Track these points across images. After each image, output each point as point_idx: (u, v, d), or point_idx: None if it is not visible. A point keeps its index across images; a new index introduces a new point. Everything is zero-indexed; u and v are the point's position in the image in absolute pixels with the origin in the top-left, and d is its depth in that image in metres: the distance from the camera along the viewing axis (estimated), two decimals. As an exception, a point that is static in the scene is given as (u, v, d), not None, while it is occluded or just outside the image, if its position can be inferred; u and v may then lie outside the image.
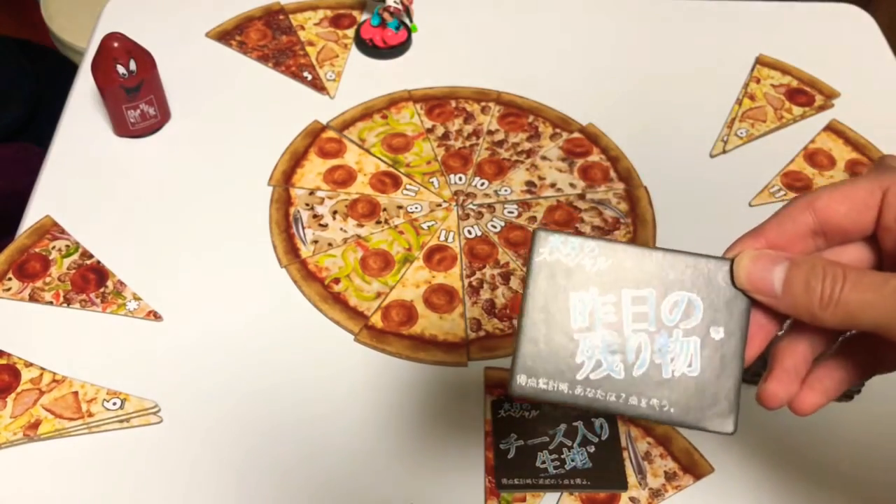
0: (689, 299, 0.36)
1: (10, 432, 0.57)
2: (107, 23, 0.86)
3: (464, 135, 0.79)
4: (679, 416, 0.36)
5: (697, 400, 0.36)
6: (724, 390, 0.36)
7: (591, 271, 0.36)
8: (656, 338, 0.36)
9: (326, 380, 0.62)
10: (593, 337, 0.36)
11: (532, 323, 0.36)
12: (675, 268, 0.36)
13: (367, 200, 0.73)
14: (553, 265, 0.36)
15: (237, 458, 0.58)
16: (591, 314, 0.36)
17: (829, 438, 0.60)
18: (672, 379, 0.36)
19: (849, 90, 0.84)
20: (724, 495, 0.57)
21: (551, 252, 0.36)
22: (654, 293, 0.36)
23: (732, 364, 0.36)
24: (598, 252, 0.36)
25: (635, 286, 0.36)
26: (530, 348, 0.36)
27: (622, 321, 0.36)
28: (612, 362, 0.36)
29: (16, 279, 0.66)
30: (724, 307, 0.36)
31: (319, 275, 0.68)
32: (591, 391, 0.36)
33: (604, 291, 0.36)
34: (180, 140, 0.77)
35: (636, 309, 0.36)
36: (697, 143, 0.79)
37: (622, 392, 0.36)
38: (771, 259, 0.35)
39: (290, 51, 0.86)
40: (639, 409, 0.36)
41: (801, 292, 0.34)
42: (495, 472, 0.57)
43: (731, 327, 0.36)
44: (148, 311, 0.65)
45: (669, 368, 0.36)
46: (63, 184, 0.73)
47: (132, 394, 0.60)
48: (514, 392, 0.36)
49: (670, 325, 0.36)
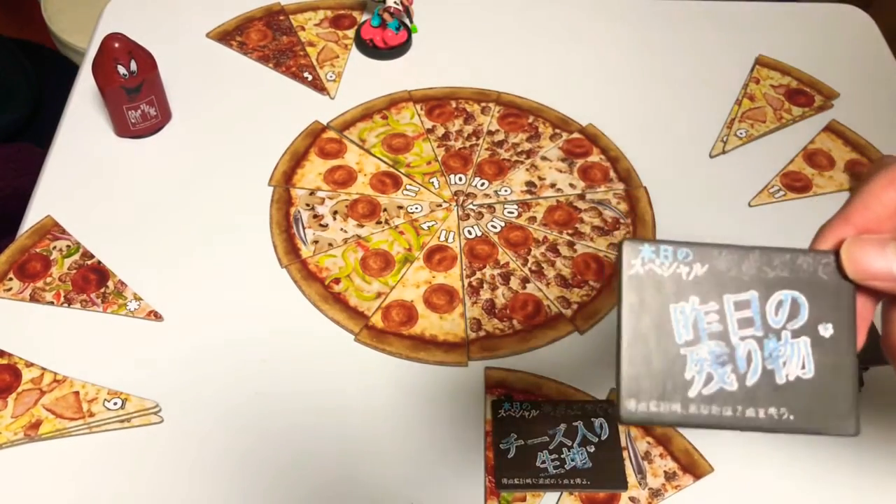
0: (794, 298, 0.34)
1: (10, 432, 0.57)
2: (107, 23, 0.86)
3: (464, 135, 0.79)
4: (800, 423, 0.34)
5: (816, 403, 0.34)
6: (841, 390, 0.34)
7: (688, 280, 0.34)
8: (765, 343, 0.34)
9: (326, 380, 0.62)
10: (700, 349, 0.34)
11: (632, 341, 0.34)
12: (774, 266, 0.34)
13: (367, 201, 0.73)
14: (646, 277, 0.34)
15: (237, 458, 0.58)
16: (695, 325, 0.34)
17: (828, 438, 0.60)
18: (787, 384, 0.34)
19: (848, 91, 0.84)
20: (723, 495, 0.57)
21: (643, 263, 0.34)
22: (756, 295, 0.34)
23: (846, 361, 0.34)
24: (692, 258, 0.34)
25: (737, 290, 0.34)
26: (634, 370, 0.34)
27: (728, 329, 0.34)
28: (724, 374, 0.34)
29: (17, 279, 0.66)
30: (828, 302, 0.34)
31: (320, 275, 0.68)
32: (706, 408, 0.34)
33: (704, 300, 0.34)
34: (181, 140, 0.77)
35: (740, 314, 0.34)
36: (697, 143, 0.79)
37: (738, 405, 0.34)
38: (878, 243, 0.33)
39: (290, 51, 0.86)
40: (757, 422, 0.34)
41: None
42: (495, 472, 0.57)
43: (840, 322, 0.34)
44: (149, 311, 0.65)
45: (783, 373, 0.34)
46: (64, 184, 0.73)
47: (133, 394, 0.60)
48: (624, 420, 0.34)
49: (777, 328, 0.34)
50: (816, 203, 0.75)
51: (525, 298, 0.67)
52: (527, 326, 0.65)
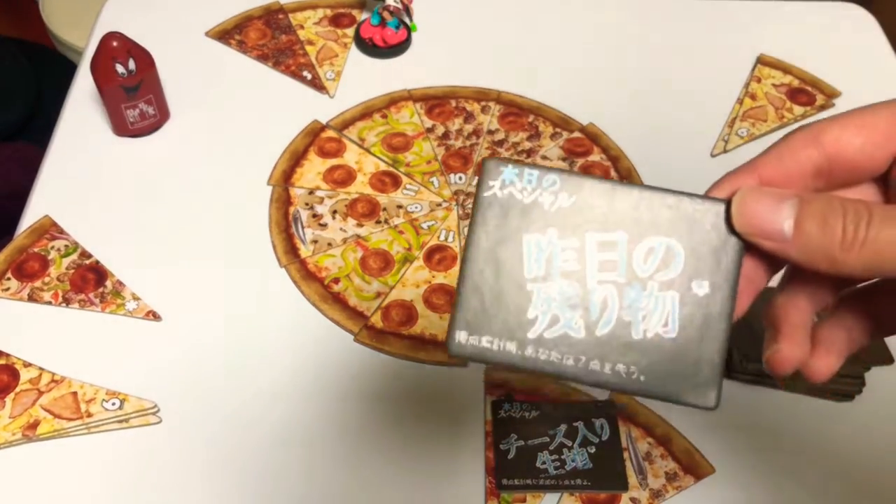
0: (669, 246, 0.30)
1: (9, 432, 0.57)
2: (106, 22, 0.86)
3: (464, 134, 0.79)
4: (650, 385, 0.30)
5: (674, 367, 0.30)
6: (706, 356, 0.30)
7: (551, 210, 0.31)
8: (626, 291, 0.30)
9: (326, 380, 0.62)
10: (549, 287, 0.30)
11: (476, 270, 0.30)
12: (653, 208, 0.30)
13: (366, 200, 0.73)
14: (504, 201, 0.31)
15: (236, 458, 0.57)
16: (548, 261, 0.30)
17: (829, 438, 0.60)
18: (644, 340, 0.30)
19: (850, 89, 0.84)
20: (724, 495, 0.57)
21: (503, 185, 0.31)
22: (625, 237, 0.30)
23: (718, 325, 0.30)
24: (559, 186, 0.31)
25: (603, 229, 0.30)
26: (473, 300, 0.30)
27: (585, 270, 0.30)
28: (571, 318, 0.30)
29: (15, 279, 0.66)
30: (710, 256, 0.30)
31: (319, 275, 0.68)
32: (545, 352, 0.30)
33: (564, 234, 0.30)
34: (179, 139, 0.77)
35: (603, 256, 0.30)
36: (698, 142, 0.79)
37: (581, 354, 0.30)
38: (777, 196, 0.29)
39: (289, 50, 0.86)
40: (601, 376, 0.30)
41: (817, 233, 0.28)
42: (495, 473, 0.57)
43: (718, 281, 0.30)
44: (147, 311, 0.65)
45: (641, 328, 0.30)
46: (62, 183, 0.73)
47: (131, 394, 0.60)
48: (452, 351, 0.30)
49: (644, 277, 0.30)
50: (818, 202, 0.74)
51: (525, 298, 0.67)
52: (527, 326, 0.65)
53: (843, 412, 0.61)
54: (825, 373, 0.32)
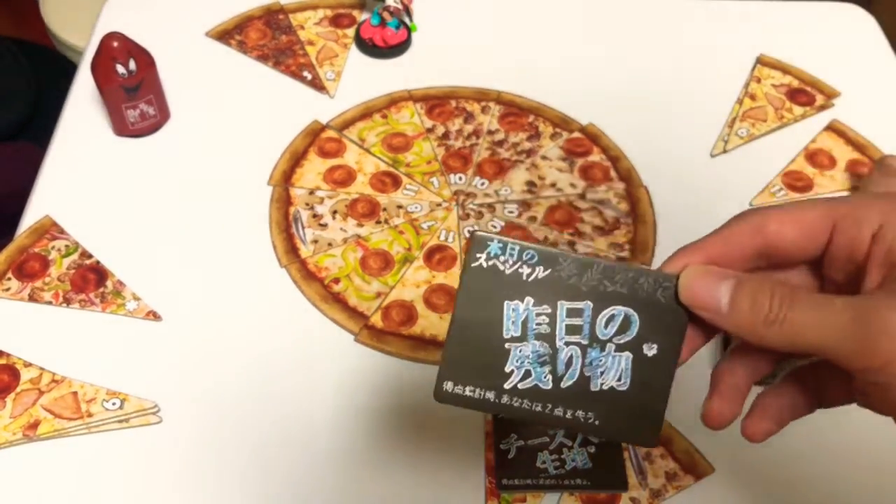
0: (626, 314, 0.36)
1: (9, 432, 0.57)
2: (106, 22, 0.86)
3: (464, 134, 0.79)
4: (603, 428, 0.36)
5: (623, 414, 0.36)
6: (651, 406, 0.36)
7: (528, 280, 0.36)
8: (588, 351, 0.36)
9: (326, 380, 0.62)
10: (524, 347, 0.36)
11: (462, 329, 0.36)
12: (615, 281, 0.36)
13: (366, 200, 0.73)
14: (488, 271, 0.36)
15: (236, 458, 0.57)
16: (524, 324, 0.36)
17: (829, 438, 0.60)
18: (600, 392, 0.36)
19: (849, 90, 0.84)
20: (724, 495, 0.57)
21: (488, 258, 0.36)
22: (591, 306, 0.36)
23: (662, 381, 0.36)
24: (536, 260, 0.36)
25: (572, 298, 0.36)
26: (459, 355, 0.36)
27: (555, 333, 0.36)
28: (541, 373, 0.36)
29: (15, 279, 0.66)
30: (660, 323, 0.36)
31: (319, 275, 0.68)
32: (518, 400, 0.36)
33: (539, 302, 0.36)
34: (180, 140, 0.77)
35: (571, 321, 0.36)
36: (698, 142, 0.79)
37: (548, 403, 0.36)
38: (718, 275, 0.34)
39: (289, 50, 0.86)
40: (563, 420, 0.36)
41: (747, 309, 0.33)
42: (495, 473, 0.57)
43: (665, 344, 0.36)
44: (147, 311, 0.65)
45: (598, 382, 0.36)
46: (62, 184, 0.73)
47: (131, 394, 0.60)
48: (438, 397, 0.36)
49: (604, 339, 0.36)
50: (817, 202, 0.74)
51: (525, 298, 0.67)
52: (527, 326, 0.65)
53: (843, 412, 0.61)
54: (759, 434, 0.38)
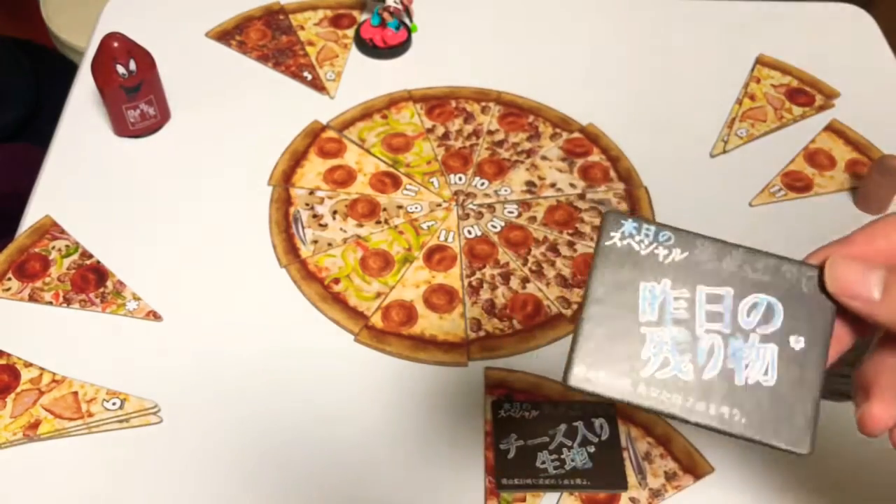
0: (770, 303, 0.33)
1: (9, 432, 0.57)
2: (107, 22, 0.86)
3: (464, 135, 0.79)
4: (750, 428, 0.33)
5: (771, 413, 0.33)
6: (801, 405, 0.33)
7: (665, 262, 0.34)
8: (731, 341, 0.33)
9: (326, 380, 0.62)
10: (662, 332, 0.33)
11: (596, 311, 0.33)
12: (756, 268, 0.34)
13: (366, 200, 0.73)
14: (623, 251, 0.34)
15: (237, 458, 0.58)
16: (662, 307, 0.33)
17: (829, 438, 0.60)
18: (746, 387, 0.33)
19: (849, 90, 0.84)
20: (724, 495, 0.57)
21: (623, 237, 0.34)
22: (731, 292, 0.34)
23: (812, 377, 0.33)
24: (673, 242, 0.34)
25: (712, 283, 0.34)
26: (592, 338, 0.33)
27: (695, 319, 0.33)
28: (681, 362, 0.33)
29: (15, 279, 0.66)
30: (805, 315, 0.33)
31: (319, 275, 0.68)
32: (655, 391, 0.33)
33: (677, 285, 0.34)
34: (180, 140, 0.77)
35: (711, 307, 0.33)
36: (698, 142, 0.79)
37: (689, 396, 0.33)
38: (865, 265, 0.33)
39: (289, 51, 0.86)
40: (706, 416, 0.33)
41: None
42: (495, 472, 0.57)
43: (813, 337, 0.33)
44: (147, 311, 0.65)
45: (743, 375, 0.33)
46: (63, 184, 0.73)
47: (132, 394, 0.60)
48: (569, 383, 0.33)
49: (747, 329, 0.33)
50: (817, 203, 0.74)
51: (525, 298, 0.67)
52: (527, 326, 0.65)
53: (843, 412, 0.61)
54: None
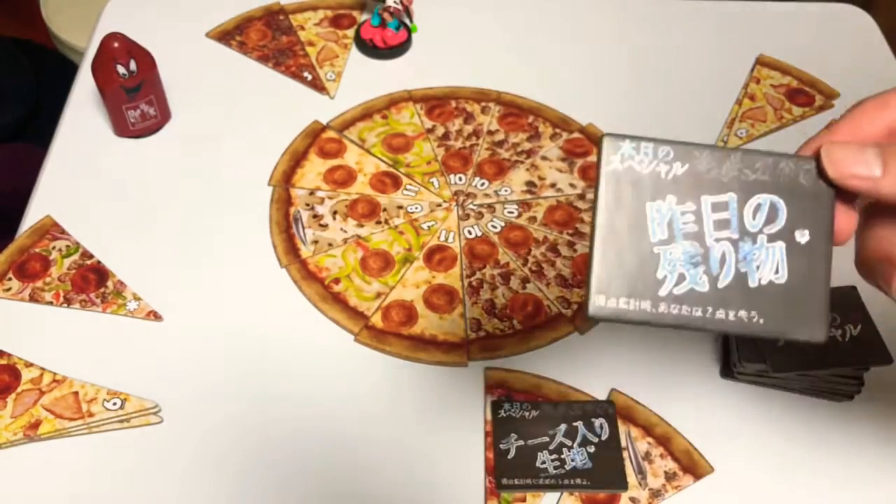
0: (772, 202, 0.34)
1: (10, 432, 0.57)
2: (107, 23, 0.86)
3: (464, 135, 0.79)
4: (769, 326, 0.34)
5: (787, 308, 0.34)
6: (813, 295, 0.34)
7: (667, 178, 0.34)
8: (740, 245, 0.34)
9: (326, 380, 0.62)
10: (674, 249, 0.34)
11: (605, 238, 0.34)
12: (755, 169, 0.34)
13: (367, 200, 0.73)
14: (625, 174, 0.34)
15: (237, 458, 0.58)
16: (670, 224, 0.34)
17: (828, 438, 0.60)
18: (760, 287, 0.34)
19: (849, 90, 0.84)
20: (724, 495, 0.57)
21: (623, 159, 0.34)
22: (735, 198, 0.34)
23: (820, 267, 0.34)
24: (672, 156, 0.34)
25: (715, 191, 0.34)
26: (606, 265, 0.33)
27: (704, 230, 0.34)
28: (696, 275, 0.34)
29: (16, 279, 0.66)
30: (807, 207, 0.34)
31: (319, 275, 0.68)
32: (676, 307, 0.33)
33: (682, 199, 0.34)
34: (180, 140, 0.77)
35: (717, 216, 0.34)
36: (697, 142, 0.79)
37: (708, 306, 0.33)
38: (859, 146, 0.33)
39: (290, 51, 0.86)
40: (726, 323, 0.33)
41: None
42: (495, 472, 0.57)
43: (816, 228, 0.34)
44: (148, 311, 0.65)
45: (756, 276, 0.34)
46: (63, 184, 0.73)
47: (132, 394, 0.60)
48: (592, 314, 0.33)
49: (754, 231, 0.34)
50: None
51: (525, 298, 0.67)
52: (527, 327, 0.65)
53: (843, 412, 0.61)
54: None
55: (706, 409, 0.61)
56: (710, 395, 0.62)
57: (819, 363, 0.58)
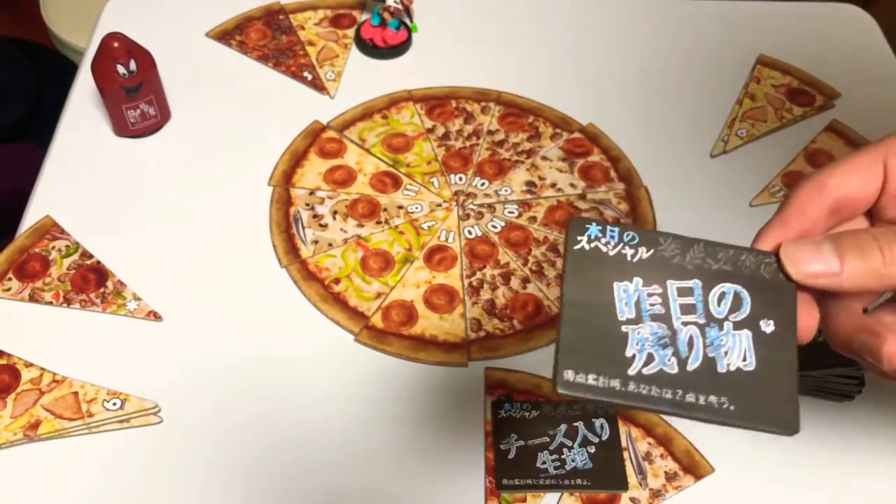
0: (736, 291, 0.35)
1: (10, 432, 0.57)
2: (107, 22, 0.86)
3: (464, 135, 0.79)
4: (740, 415, 0.33)
5: (758, 396, 0.33)
6: (783, 387, 0.34)
7: (633, 261, 0.35)
8: (707, 330, 0.34)
9: (326, 380, 0.62)
10: (642, 329, 0.34)
11: (574, 315, 0.34)
12: (718, 259, 0.35)
13: (367, 200, 0.73)
14: (591, 253, 0.35)
15: (237, 458, 0.58)
16: (637, 305, 0.34)
17: (829, 438, 0.60)
18: (729, 374, 0.34)
19: (850, 90, 0.84)
20: (724, 495, 0.57)
21: (589, 240, 0.35)
22: (700, 284, 0.35)
23: (787, 357, 0.34)
24: (637, 241, 0.35)
25: (680, 277, 0.35)
26: (574, 341, 0.33)
27: (670, 313, 0.34)
28: (665, 356, 0.34)
29: (16, 279, 0.66)
30: (770, 299, 0.35)
31: (319, 275, 0.68)
32: (646, 387, 0.33)
33: (648, 282, 0.34)
34: (180, 140, 0.77)
35: (683, 300, 0.34)
36: (698, 143, 0.79)
37: (678, 388, 0.33)
38: (814, 243, 0.35)
39: (290, 51, 0.86)
40: (697, 408, 0.33)
41: (860, 262, 0.34)
42: (496, 473, 0.57)
43: (781, 319, 0.35)
44: (148, 311, 0.65)
45: (724, 362, 0.34)
46: (63, 184, 0.73)
47: (132, 394, 0.60)
48: (561, 388, 0.33)
49: (720, 318, 0.34)
50: (817, 203, 0.74)
51: (525, 298, 0.67)
52: (527, 327, 0.65)
53: (843, 412, 0.61)
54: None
55: (707, 409, 0.61)
56: (710, 396, 0.61)
57: (820, 363, 0.58)
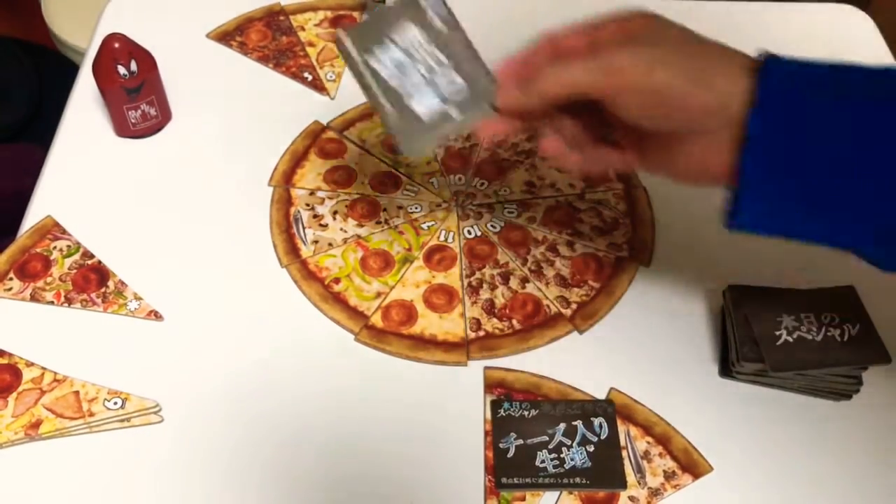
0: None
1: (11, 432, 0.58)
2: (108, 23, 0.87)
3: (463, 135, 0.79)
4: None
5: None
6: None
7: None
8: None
9: (327, 379, 0.62)
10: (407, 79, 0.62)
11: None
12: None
13: (367, 201, 0.73)
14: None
15: (238, 458, 0.58)
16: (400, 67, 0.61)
17: (827, 438, 0.60)
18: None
19: (848, 90, 0.84)
20: (723, 495, 0.57)
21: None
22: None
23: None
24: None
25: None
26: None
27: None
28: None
29: (17, 279, 0.66)
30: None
31: (319, 275, 0.68)
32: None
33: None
34: (181, 141, 0.78)
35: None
36: (697, 143, 0.79)
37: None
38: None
39: (290, 51, 0.86)
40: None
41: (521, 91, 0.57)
42: (495, 472, 0.57)
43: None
44: (149, 310, 0.65)
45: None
46: (64, 184, 0.73)
47: (133, 393, 0.60)
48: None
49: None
50: (816, 203, 0.74)
51: (524, 298, 0.67)
52: (526, 326, 0.65)
53: (842, 411, 0.61)
54: (575, 163, 0.55)
55: (705, 408, 0.61)
56: (709, 395, 0.62)
57: (818, 363, 0.58)
